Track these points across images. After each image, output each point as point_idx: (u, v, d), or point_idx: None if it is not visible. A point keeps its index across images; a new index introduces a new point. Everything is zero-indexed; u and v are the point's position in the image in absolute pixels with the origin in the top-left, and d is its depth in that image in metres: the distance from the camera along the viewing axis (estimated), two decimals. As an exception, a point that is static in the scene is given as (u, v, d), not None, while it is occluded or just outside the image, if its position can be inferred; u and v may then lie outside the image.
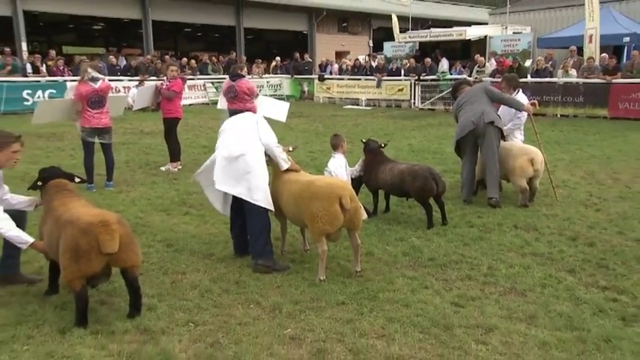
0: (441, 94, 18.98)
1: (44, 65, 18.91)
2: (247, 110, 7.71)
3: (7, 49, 20.30)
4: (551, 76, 16.97)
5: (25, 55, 21.04)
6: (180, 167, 9.16)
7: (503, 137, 6.99)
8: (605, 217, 6.30)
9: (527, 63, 18.79)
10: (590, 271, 4.73)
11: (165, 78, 9.53)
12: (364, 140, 6.61)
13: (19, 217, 4.39)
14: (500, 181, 7.11)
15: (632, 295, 4.24)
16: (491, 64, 18.91)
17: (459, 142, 7.10)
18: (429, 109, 19.35)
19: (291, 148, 5.36)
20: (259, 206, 4.81)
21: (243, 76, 9.15)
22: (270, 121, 5.32)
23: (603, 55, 16.51)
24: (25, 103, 16.90)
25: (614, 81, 15.38)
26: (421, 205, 6.06)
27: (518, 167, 6.74)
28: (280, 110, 8.82)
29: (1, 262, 4.51)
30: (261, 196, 4.79)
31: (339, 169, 5.80)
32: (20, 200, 4.49)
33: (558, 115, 16.13)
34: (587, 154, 10.29)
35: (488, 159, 6.86)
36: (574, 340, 3.58)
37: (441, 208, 6.07)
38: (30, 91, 17.34)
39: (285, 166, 4.96)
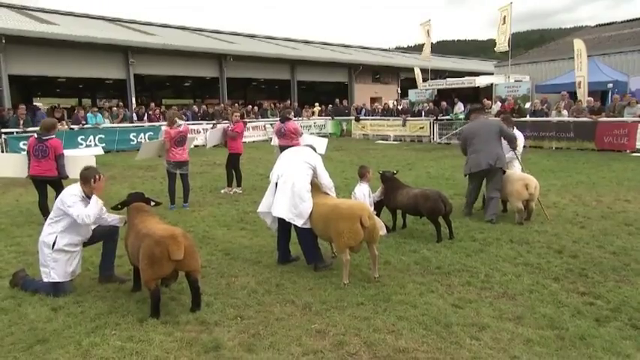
0: (455, 131, 18.60)
1: (146, 114, 19.73)
2: (293, 146, 7.80)
3: (121, 103, 21.44)
4: (546, 116, 16.39)
5: (134, 106, 22.03)
6: (240, 191, 9.22)
7: (504, 172, 6.85)
8: (588, 233, 5.97)
9: (527, 105, 18.29)
10: (572, 279, 4.48)
11: (230, 121, 9.72)
12: (380, 172, 6.47)
13: (113, 230, 4.58)
14: (506, 203, 7.12)
15: (606, 300, 3.99)
16: (496, 106, 18.51)
17: (468, 172, 6.91)
18: (445, 143, 18.96)
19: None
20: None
21: (290, 119, 9.26)
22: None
23: (589, 98, 16.01)
24: (132, 142, 17.61)
25: (599, 120, 14.74)
26: (431, 222, 5.92)
27: (515, 191, 6.58)
28: (320, 145, 8.80)
29: (100, 266, 4.68)
30: (305, 221, 4.83)
31: (363, 197, 5.76)
32: (114, 217, 4.67)
33: (553, 148, 15.50)
34: (576, 180, 9.81)
35: (492, 191, 6.76)
36: (554, 337, 3.38)
37: (449, 225, 5.90)
38: (135, 134, 18.04)
39: (334, 196, 5.15)
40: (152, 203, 4.52)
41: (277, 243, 5.18)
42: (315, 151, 5.35)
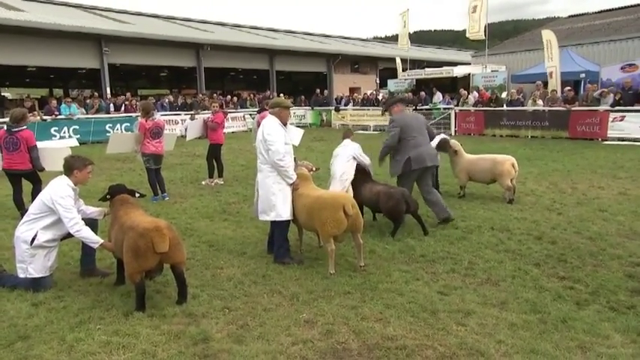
0: (433, 121, 18.75)
1: (123, 105, 19.24)
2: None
3: (96, 94, 20.85)
4: (522, 105, 16.70)
5: (109, 96, 21.45)
6: (221, 182, 9.12)
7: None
8: (565, 220, 6.13)
9: (503, 95, 18.59)
10: (551, 264, 4.59)
11: (211, 112, 9.55)
12: None
13: (92, 223, 4.44)
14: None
15: (585, 284, 4.11)
16: (473, 96, 18.75)
17: (409, 170, 5.96)
18: (423, 132, 19.12)
19: (314, 169, 5.32)
20: (283, 220, 4.80)
21: (266, 110, 9.11)
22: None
23: (568, 88, 16.25)
24: (107, 134, 17.10)
25: (573, 109, 15.09)
26: (391, 220, 5.69)
27: (505, 170, 7.10)
28: (295, 136, 8.66)
29: (81, 260, 4.57)
30: (285, 212, 4.77)
31: (358, 149, 6.06)
32: (93, 210, 4.54)
33: (529, 137, 15.82)
34: (552, 168, 10.04)
35: (430, 187, 6.18)
36: (537, 321, 3.46)
37: (419, 221, 5.70)
38: (111, 125, 17.58)
39: (288, 182, 4.75)
40: (137, 195, 4.41)
41: (269, 233, 5.11)
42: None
